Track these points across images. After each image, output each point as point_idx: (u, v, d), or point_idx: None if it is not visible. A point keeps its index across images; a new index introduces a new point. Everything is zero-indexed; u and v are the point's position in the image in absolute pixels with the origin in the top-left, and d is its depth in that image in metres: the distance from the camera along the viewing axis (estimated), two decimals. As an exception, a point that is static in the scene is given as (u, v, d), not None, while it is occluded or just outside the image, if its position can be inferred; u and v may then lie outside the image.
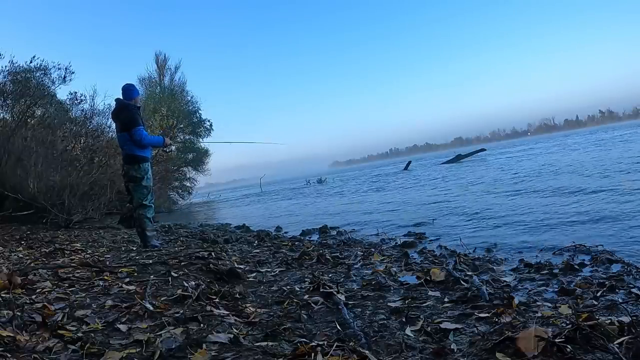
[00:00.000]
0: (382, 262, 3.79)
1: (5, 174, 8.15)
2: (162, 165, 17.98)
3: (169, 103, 23.52)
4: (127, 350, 1.59)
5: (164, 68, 27.07)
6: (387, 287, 2.75)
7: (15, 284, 2.33)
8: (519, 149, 36.14)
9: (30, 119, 9.94)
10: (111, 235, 6.70)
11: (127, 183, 4.44)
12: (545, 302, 2.28)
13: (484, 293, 2.35)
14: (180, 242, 5.70)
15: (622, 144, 19.64)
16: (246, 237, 6.62)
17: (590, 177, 9.28)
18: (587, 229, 4.70)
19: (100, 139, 11.29)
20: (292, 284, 3.02)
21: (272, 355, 1.59)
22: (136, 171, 4.33)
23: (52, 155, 9.14)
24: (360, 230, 6.85)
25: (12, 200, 7.97)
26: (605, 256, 3.32)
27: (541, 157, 20.42)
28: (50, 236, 6.25)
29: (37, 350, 1.55)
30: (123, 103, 4.40)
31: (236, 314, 2.16)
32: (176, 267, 3.15)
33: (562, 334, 1.52)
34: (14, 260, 3.71)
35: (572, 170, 11.26)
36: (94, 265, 3.08)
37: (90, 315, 1.96)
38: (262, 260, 4.08)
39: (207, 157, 26.11)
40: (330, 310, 2.32)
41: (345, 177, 35.42)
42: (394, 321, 2.08)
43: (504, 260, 3.73)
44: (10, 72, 9.74)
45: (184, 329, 1.80)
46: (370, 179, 25.25)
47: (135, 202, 4.37)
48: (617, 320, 1.63)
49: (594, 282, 2.66)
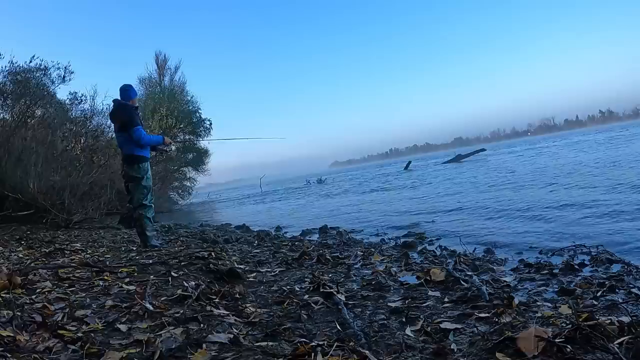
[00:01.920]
0: (382, 262, 3.79)
1: (5, 174, 8.15)
2: (162, 165, 17.98)
3: (169, 103, 23.50)
4: (127, 350, 1.59)
5: (164, 68, 27.05)
6: (387, 287, 2.75)
7: (15, 284, 2.33)
8: (523, 148, 36.11)
9: (30, 119, 9.94)
10: (111, 235, 6.70)
11: (127, 183, 4.45)
12: (545, 302, 2.28)
13: (484, 293, 2.35)
14: (180, 242, 5.69)
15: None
16: (246, 237, 6.62)
17: (592, 177, 9.28)
18: (587, 230, 4.70)
19: (100, 139, 11.30)
20: (292, 284, 3.02)
21: (272, 355, 1.59)
22: (135, 171, 4.33)
23: (52, 155, 9.14)
24: (360, 230, 6.86)
25: (12, 200, 7.97)
26: (605, 256, 3.33)
27: (544, 156, 20.42)
28: (50, 236, 6.25)
29: (37, 350, 1.54)
30: (121, 103, 4.40)
31: (236, 314, 2.16)
32: (176, 267, 3.14)
33: (562, 334, 1.52)
34: (14, 260, 3.71)
35: (574, 170, 11.26)
36: (94, 265, 3.08)
37: (90, 315, 1.96)
38: (262, 260, 4.08)
39: (207, 157, 26.09)
40: (330, 310, 2.32)
41: (345, 177, 35.41)
42: (394, 321, 2.08)
43: (504, 260, 3.73)
44: (10, 72, 9.75)
45: (184, 329, 1.80)
46: (370, 179, 25.25)
47: (135, 202, 4.38)
48: (617, 320, 1.63)
49: (594, 282, 2.66)
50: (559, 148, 26.15)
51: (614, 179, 8.24)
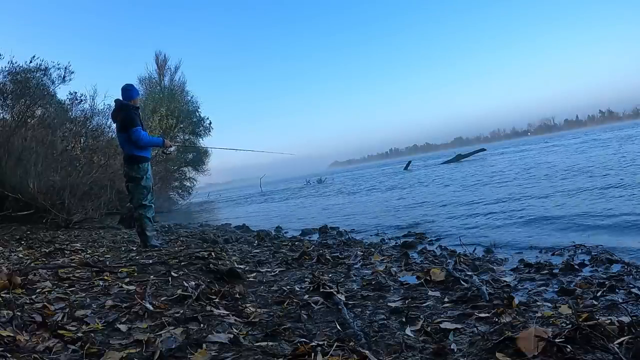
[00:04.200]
0: (382, 262, 3.79)
1: (5, 174, 8.14)
2: (162, 165, 17.99)
3: (169, 103, 23.51)
4: (127, 350, 1.59)
5: (164, 68, 27.07)
6: (387, 287, 2.75)
7: (15, 284, 2.33)
8: (527, 148, 36.07)
9: (30, 119, 9.93)
10: (111, 235, 6.70)
11: (127, 183, 4.46)
12: (545, 302, 2.28)
13: (484, 293, 2.35)
14: (180, 242, 5.69)
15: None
16: (246, 237, 6.62)
17: (594, 177, 9.27)
18: (588, 229, 4.70)
19: (100, 139, 11.30)
20: (292, 284, 3.02)
21: (272, 355, 1.59)
22: (135, 171, 4.34)
23: (52, 155, 9.14)
24: (360, 230, 6.85)
25: (12, 200, 7.97)
26: (605, 256, 3.33)
27: (546, 156, 20.40)
28: (50, 236, 6.25)
29: (37, 350, 1.54)
30: (122, 104, 4.41)
31: (236, 314, 2.16)
32: (176, 267, 3.14)
33: (562, 334, 1.52)
34: (14, 260, 3.71)
35: (575, 170, 11.26)
36: (94, 265, 3.08)
37: (90, 315, 1.96)
38: (262, 260, 4.08)
39: (207, 157, 26.10)
40: (330, 310, 2.32)
41: (345, 177, 35.41)
42: (394, 321, 2.08)
43: (504, 260, 3.73)
44: (10, 72, 9.74)
45: (184, 329, 1.80)
46: (370, 179, 25.25)
47: (135, 202, 4.39)
48: (617, 320, 1.63)
49: (594, 282, 2.66)
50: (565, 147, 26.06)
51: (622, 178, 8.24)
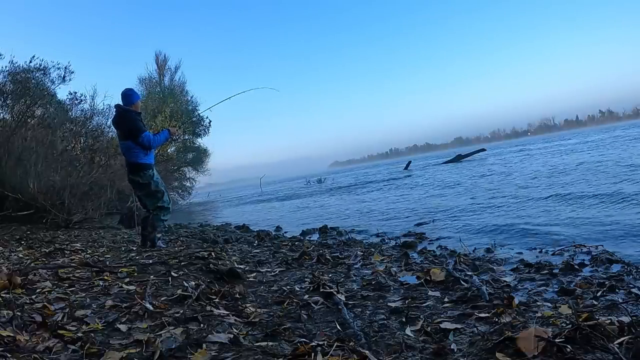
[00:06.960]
0: (382, 262, 3.79)
1: (5, 174, 8.15)
2: (162, 165, 18.00)
3: (169, 103, 23.54)
4: (127, 350, 1.59)
5: (164, 68, 27.12)
6: (387, 287, 2.75)
7: (15, 284, 2.33)
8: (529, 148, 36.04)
9: (30, 119, 9.94)
10: (111, 235, 6.70)
11: (137, 192, 4.47)
12: (545, 302, 2.28)
13: (484, 293, 2.35)
14: (180, 242, 5.69)
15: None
16: (246, 237, 6.62)
17: (595, 176, 9.27)
18: (587, 229, 4.70)
19: (100, 139, 11.31)
20: (292, 284, 3.02)
21: (272, 355, 1.59)
22: (141, 178, 4.32)
23: (52, 155, 9.14)
24: (360, 230, 6.85)
25: (12, 200, 7.97)
26: (605, 256, 3.33)
27: (547, 157, 20.40)
28: (50, 236, 6.25)
29: (37, 350, 1.54)
30: (123, 110, 4.33)
31: (236, 314, 2.16)
32: (176, 267, 3.14)
33: (562, 334, 1.52)
34: (14, 260, 3.71)
35: (579, 170, 11.26)
36: (94, 265, 3.08)
37: (90, 315, 1.96)
38: (262, 260, 4.08)
39: (206, 157, 26.13)
40: (330, 310, 2.32)
41: (345, 177, 35.40)
42: (394, 321, 2.08)
43: (504, 260, 3.73)
44: (10, 72, 9.75)
45: (184, 329, 1.80)
46: (370, 179, 25.24)
47: (151, 206, 4.42)
48: (617, 320, 1.63)
49: (594, 282, 2.66)
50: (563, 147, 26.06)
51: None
